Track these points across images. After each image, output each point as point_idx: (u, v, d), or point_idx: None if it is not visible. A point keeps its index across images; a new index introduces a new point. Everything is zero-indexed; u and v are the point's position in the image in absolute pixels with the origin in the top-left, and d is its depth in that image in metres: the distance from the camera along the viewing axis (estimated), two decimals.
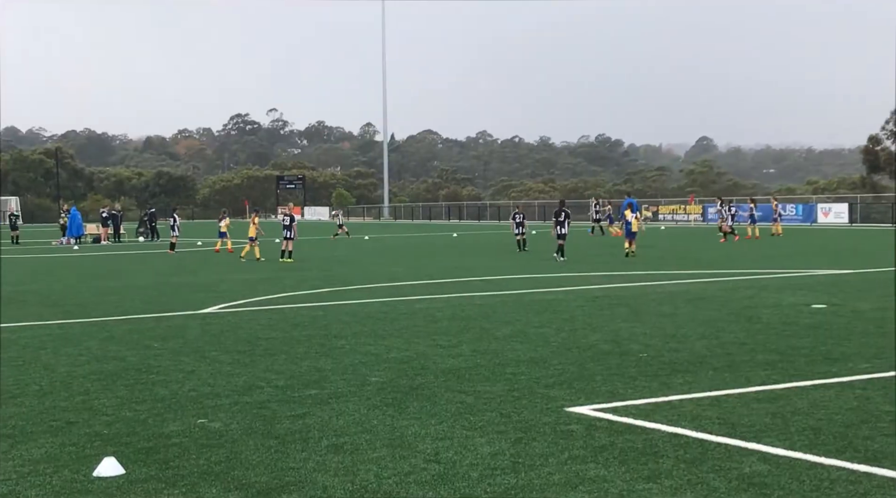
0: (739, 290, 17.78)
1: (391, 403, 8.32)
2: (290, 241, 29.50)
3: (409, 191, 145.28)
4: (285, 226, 29.73)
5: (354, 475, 6.16)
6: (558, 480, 5.98)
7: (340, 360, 10.58)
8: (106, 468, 6.28)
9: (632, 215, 30.00)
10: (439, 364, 10.20)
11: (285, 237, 29.52)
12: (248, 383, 9.29)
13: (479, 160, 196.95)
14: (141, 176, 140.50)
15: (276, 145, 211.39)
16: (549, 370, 9.73)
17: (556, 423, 7.47)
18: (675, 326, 12.92)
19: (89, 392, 8.99)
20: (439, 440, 7.00)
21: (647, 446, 6.72)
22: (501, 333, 12.51)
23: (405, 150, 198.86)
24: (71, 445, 7.07)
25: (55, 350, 11.59)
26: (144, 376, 9.75)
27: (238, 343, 11.95)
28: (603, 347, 11.19)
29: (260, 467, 6.39)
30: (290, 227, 29.57)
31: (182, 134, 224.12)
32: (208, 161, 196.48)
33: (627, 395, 8.50)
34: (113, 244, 47.19)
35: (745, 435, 6.98)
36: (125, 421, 7.79)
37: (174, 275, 24.50)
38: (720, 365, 9.90)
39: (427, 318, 14.22)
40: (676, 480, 5.96)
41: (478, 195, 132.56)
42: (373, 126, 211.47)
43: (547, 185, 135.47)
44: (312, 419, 7.74)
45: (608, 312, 14.61)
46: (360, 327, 13.24)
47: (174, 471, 6.33)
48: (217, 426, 7.56)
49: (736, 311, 14.45)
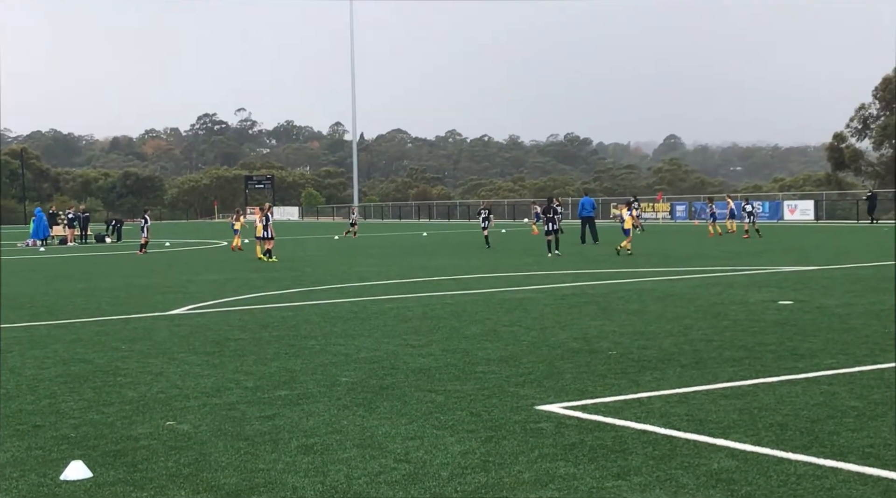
0: (707, 287, 17.92)
1: (361, 403, 8.31)
2: (269, 240, 29.55)
3: (378, 190, 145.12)
4: (265, 226, 29.82)
5: (325, 476, 6.15)
6: (528, 479, 6.00)
7: (310, 360, 10.55)
8: (73, 472, 6.22)
9: (627, 213, 30.17)
10: (409, 364, 10.20)
11: (263, 237, 29.58)
12: (217, 385, 9.24)
13: (448, 159, 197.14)
14: (108, 177, 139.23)
15: (245, 145, 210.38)
16: (520, 369, 9.76)
17: (526, 421, 7.50)
18: (643, 323, 13.00)
19: (56, 395, 8.90)
20: (409, 440, 7.00)
21: (617, 444, 6.76)
22: (472, 331, 12.53)
23: (375, 149, 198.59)
24: (37, 448, 7.00)
25: (21, 353, 11.46)
26: (112, 379, 9.67)
27: (207, 344, 11.88)
28: (572, 345, 11.24)
29: (229, 469, 6.36)
30: (267, 228, 29.71)
31: (149, 134, 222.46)
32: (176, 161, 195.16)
33: (597, 392, 8.54)
34: (79, 245, 46.74)
35: (712, 431, 7.04)
36: (92, 424, 7.72)
37: (142, 276, 24.29)
38: (688, 362, 9.97)
39: (397, 317, 14.21)
40: (645, 476, 6.00)
41: (448, 194, 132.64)
42: (342, 125, 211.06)
43: (517, 183, 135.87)
44: (282, 420, 7.71)
45: (577, 310, 14.68)
46: (331, 328, 13.21)
47: (142, 474, 6.28)
48: (186, 428, 7.51)
49: (703, 308, 14.57)
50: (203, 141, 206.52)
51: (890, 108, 78.10)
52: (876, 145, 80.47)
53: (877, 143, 79.85)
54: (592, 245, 34.69)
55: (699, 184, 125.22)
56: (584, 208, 38.08)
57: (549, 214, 29.57)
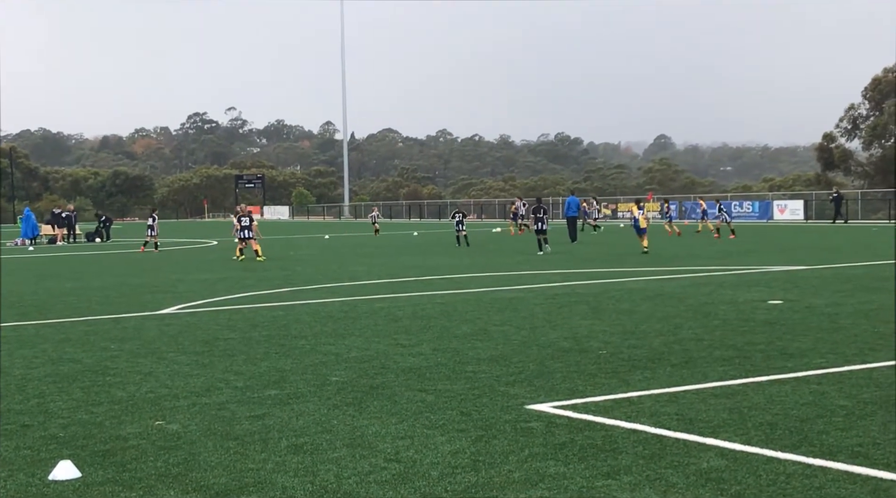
0: (697, 286, 17.95)
1: (351, 402, 8.30)
2: (251, 240, 29.45)
3: (369, 190, 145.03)
4: (244, 227, 29.68)
5: (314, 476, 6.14)
6: (518, 478, 6.00)
7: (300, 360, 10.53)
8: (62, 472, 6.19)
9: (638, 212, 30.40)
10: (400, 363, 10.19)
11: (245, 237, 29.47)
12: (206, 384, 9.22)
13: (439, 159, 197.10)
14: (97, 176, 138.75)
15: (235, 144, 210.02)
16: (510, 368, 9.76)
17: (517, 420, 7.49)
18: (633, 323, 13.01)
19: (44, 395, 8.87)
20: (399, 439, 6.99)
21: (607, 443, 6.76)
22: (462, 331, 12.52)
23: (365, 148, 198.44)
24: (26, 448, 6.97)
25: (9, 352, 11.41)
26: (101, 378, 9.63)
27: (196, 344, 11.85)
28: (563, 344, 11.25)
29: (219, 469, 6.34)
30: (250, 227, 29.65)
31: (139, 133, 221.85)
32: (166, 160, 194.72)
33: (587, 392, 8.55)
34: (68, 245, 46.59)
35: (702, 431, 7.05)
36: (81, 423, 7.69)
37: (132, 275, 24.22)
38: (678, 361, 9.99)
39: (388, 317, 14.19)
40: (636, 476, 6.00)
41: (438, 193, 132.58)
42: (333, 124, 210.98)
43: (507, 183, 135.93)
44: (272, 420, 7.69)
45: (567, 309, 14.69)
46: (321, 327, 13.19)
47: (131, 474, 6.26)
48: (175, 428, 7.49)
49: (694, 307, 14.59)
50: (193, 140, 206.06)
51: (879, 108, 78.42)
52: (865, 145, 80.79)
53: (866, 143, 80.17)
54: (573, 245, 35.03)
55: (689, 184, 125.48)
56: (570, 208, 39.48)
57: (538, 214, 30.11)
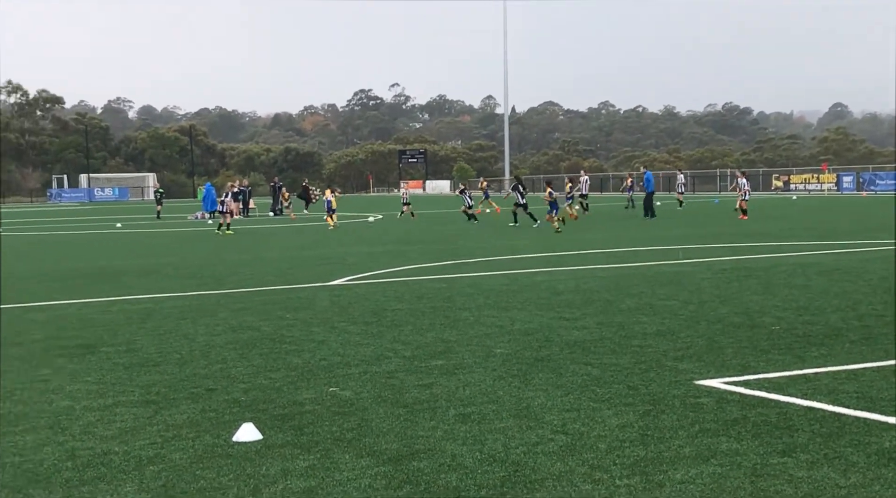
0: (874, 261, 17.07)
1: (516, 374, 8.36)
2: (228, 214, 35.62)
3: (529, 163, 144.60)
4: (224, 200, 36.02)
5: (482, 444, 6.23)
6: (689, 453, 5.91)
7: (465, 331, 10.67)
8: (245, 433, 6.51)
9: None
10: (564, 336, 10.18)
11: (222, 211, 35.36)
12: (376, 353, 9.48)
13: (600, 131, 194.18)
14: (269, 152, 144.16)
15: (398, 120, 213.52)
16: (678, 343, 9.59)
17: (686, 396, 7.37)
18: (808, 298, 12.52)
19: (227, 360, 9.34)
20: (566, 412, 7.00)
21: (781, 420, 6.56)
22: (626, 305, 12.37)
23: (526, 122, 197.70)
24: (211, 411, 7.36)
25: (194, 320, 12.06)
26: (278, 346, 10.06)
27: (365, 314, 12.19)
28: (733, 319, 10.95)
29: (390, 435, 6.52)
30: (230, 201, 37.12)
31: (308, 110, 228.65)
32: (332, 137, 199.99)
33: (759, 368, 8.30)
34: (243, 219, 48.65)
35: (884, 409, 6.74)
36: (261, 388, 8.07)
37: (303, 249, 25.12)
38: (857, 338, 9.56)
39: (549, 290, 14.18)
40: (813, 454, 5.81)
41: (600, 166, 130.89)
42: (493, 99, 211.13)
43: (672, 155, 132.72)
44: (439, 389, 7.84)
45: (737, 284, 14.27)
46: (484, 300, 13.31)
47: (308, 437, 6.53)
48: (348, 395, 7.74)
49: (873, 283, 13.89)
50: (358, 116, 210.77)
51: None
52: None
53: None
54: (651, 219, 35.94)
55: (868, 154, 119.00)
56: (650, 183, 41.15)
57: (519, 190, 34.60)
